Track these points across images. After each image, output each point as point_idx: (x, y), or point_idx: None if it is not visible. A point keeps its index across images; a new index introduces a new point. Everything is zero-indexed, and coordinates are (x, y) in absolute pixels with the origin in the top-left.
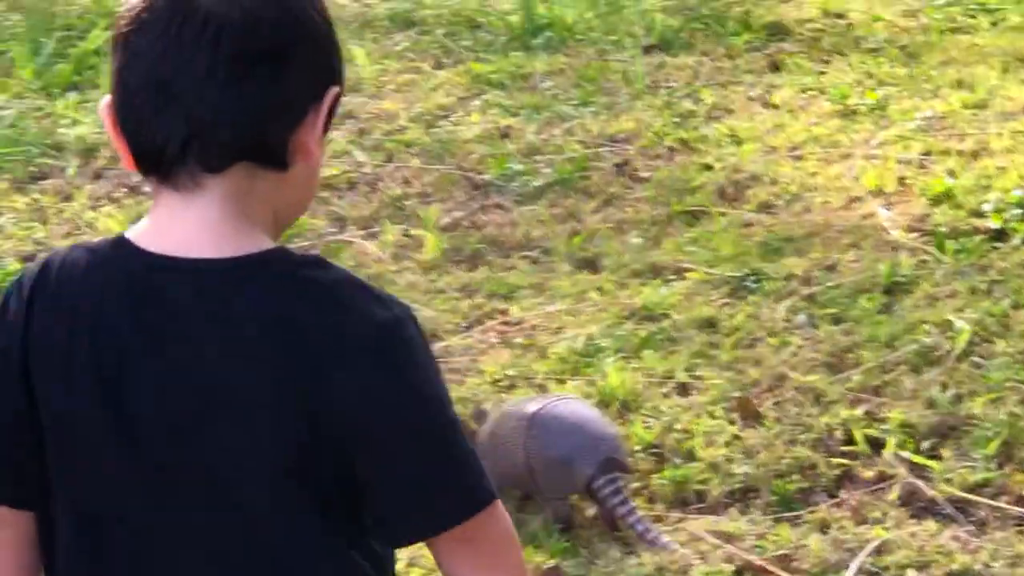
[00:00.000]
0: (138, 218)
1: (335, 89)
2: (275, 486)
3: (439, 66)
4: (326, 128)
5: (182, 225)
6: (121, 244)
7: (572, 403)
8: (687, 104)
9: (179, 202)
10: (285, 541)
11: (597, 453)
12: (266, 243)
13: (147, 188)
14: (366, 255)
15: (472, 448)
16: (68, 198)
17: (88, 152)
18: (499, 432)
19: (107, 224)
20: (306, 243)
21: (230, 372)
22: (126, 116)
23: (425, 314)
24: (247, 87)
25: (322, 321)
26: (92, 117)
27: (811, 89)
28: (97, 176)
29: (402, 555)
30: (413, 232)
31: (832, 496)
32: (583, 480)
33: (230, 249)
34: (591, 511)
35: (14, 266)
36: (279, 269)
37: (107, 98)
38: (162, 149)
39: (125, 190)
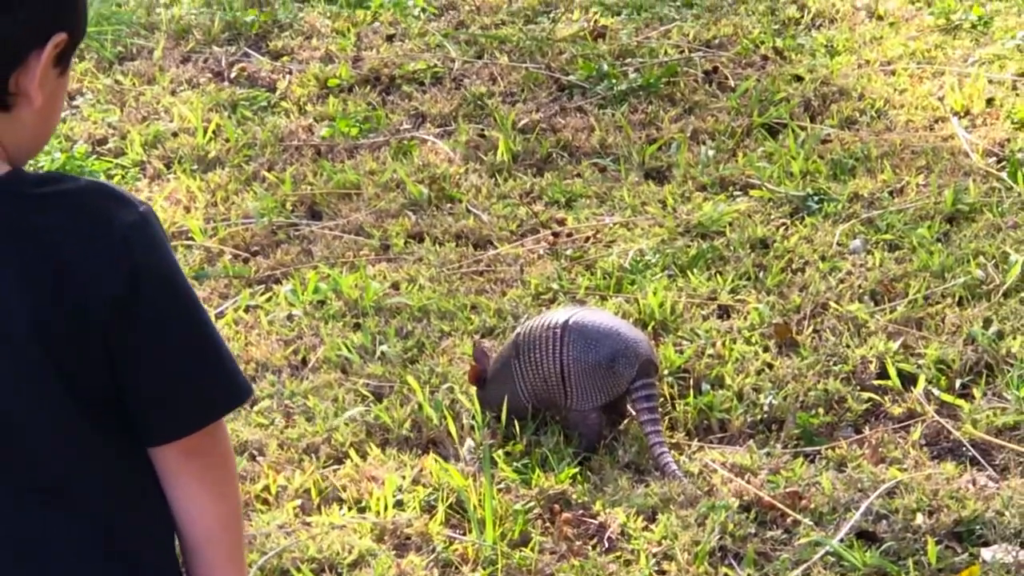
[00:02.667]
0: (216, 105)
1: (60, 36)
2: (37, 390)
3: None
4: (63, 71)
5: None
6: None
7: (599, 311)
8: (791, 11)
9: None
10: (46, 443)
11: (637, 356)
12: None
13: (233, 75)
14: (437, 154)
15: (223, 345)
16: (150, 81)
17: (180, 34)
18: (526, 347)
19: (182, 111)
20: (380, 139)
21: None
22: None
23: (482, 220)
24: None
25: (69, 229)
26: None
27: (918, 1)
28: (184, 60)
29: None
30: (488, 133)
31: (857, 432)
32: (624, 382)
33: None
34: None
35: (81, 149)
36: (16, 189)
37: None
38: None
39: (210, 75)
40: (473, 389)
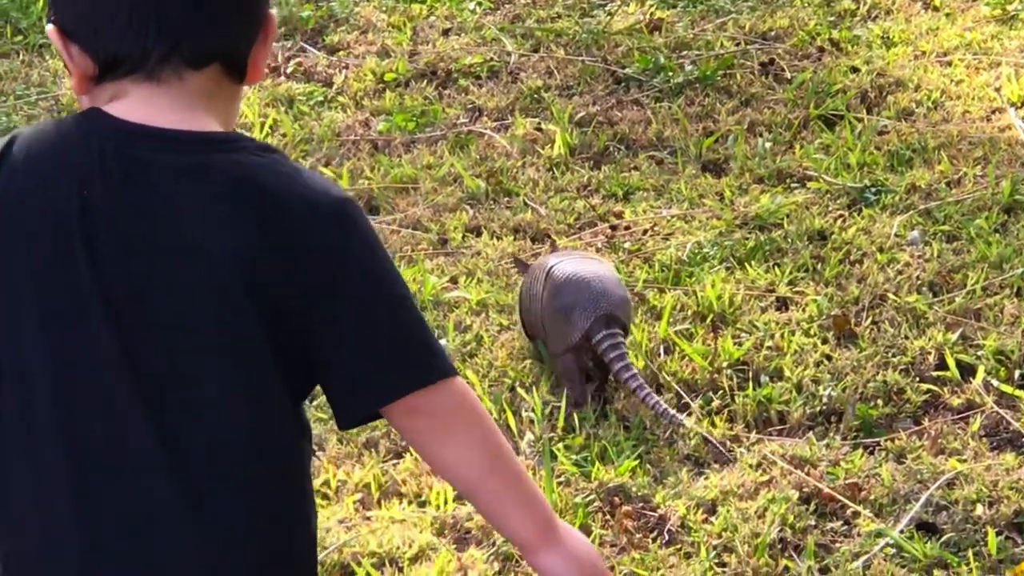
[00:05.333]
0: (272, 101)
1: (272, 11)
2: (236, 339)
3: None
4: None
5: (155, 105)
6: (93, 114)
7: (588, 261)
8: (847, 2)
9: (156, 88)
10: (233, 391)
11: (596, 308)
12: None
13: (289, 69)
14: (494, 148)
15: (425, 324)
16: None
17: None
18: (527, 284)
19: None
20: (437, 134)
21: (198, 226)
22: (97, 26)
23: (540, 213)
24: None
25: (289, 189)
26: None
27: None
28: None
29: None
30: (545, 126)
31: (917, 423)
32: (580, 332)
33: (196, 127)
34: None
35: None
36: (244, 145)
37: (50, 27)
38: (149, 52)
39: (266, 70)
40: (530, 384)
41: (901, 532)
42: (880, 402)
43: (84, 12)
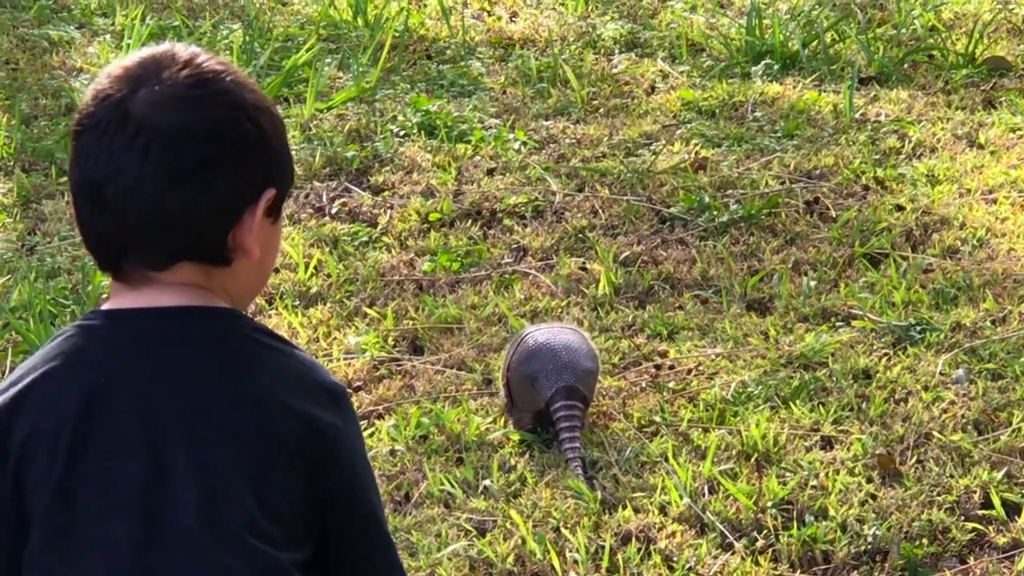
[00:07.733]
0: (317, 241)
1: (270, 191)
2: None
3: (652, 91)
4: (275, 220)
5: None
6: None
7: (565, 332)
8: (891, 140)
9: (131, 293)
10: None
11: (559, 379)
12: None
13: (334, 210)
14: (538, 288)
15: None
16: None
17: None
18: (508, 346)
19: (283, 247)
20: (481, 273)
21: None
22: (75, 211)
23: None
24: (174, 197)
25: (275, 375)
26: (292, 133)
27: (1020, 129)
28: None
29: None
30: (590, 266)
31: (962, 562)
32: (543, 399)
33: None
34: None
35: None
36: (238, 323)
37: None
38: (103, 249)
39: (311, 210)
40: (573, 524)
41: None
42: (925, 541)
43: (71, 186)
